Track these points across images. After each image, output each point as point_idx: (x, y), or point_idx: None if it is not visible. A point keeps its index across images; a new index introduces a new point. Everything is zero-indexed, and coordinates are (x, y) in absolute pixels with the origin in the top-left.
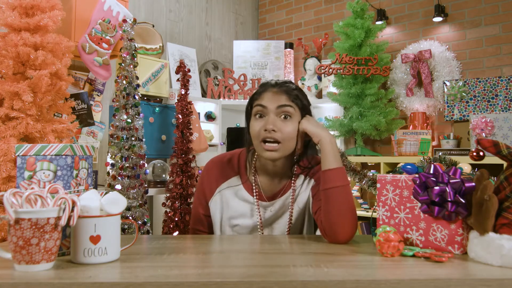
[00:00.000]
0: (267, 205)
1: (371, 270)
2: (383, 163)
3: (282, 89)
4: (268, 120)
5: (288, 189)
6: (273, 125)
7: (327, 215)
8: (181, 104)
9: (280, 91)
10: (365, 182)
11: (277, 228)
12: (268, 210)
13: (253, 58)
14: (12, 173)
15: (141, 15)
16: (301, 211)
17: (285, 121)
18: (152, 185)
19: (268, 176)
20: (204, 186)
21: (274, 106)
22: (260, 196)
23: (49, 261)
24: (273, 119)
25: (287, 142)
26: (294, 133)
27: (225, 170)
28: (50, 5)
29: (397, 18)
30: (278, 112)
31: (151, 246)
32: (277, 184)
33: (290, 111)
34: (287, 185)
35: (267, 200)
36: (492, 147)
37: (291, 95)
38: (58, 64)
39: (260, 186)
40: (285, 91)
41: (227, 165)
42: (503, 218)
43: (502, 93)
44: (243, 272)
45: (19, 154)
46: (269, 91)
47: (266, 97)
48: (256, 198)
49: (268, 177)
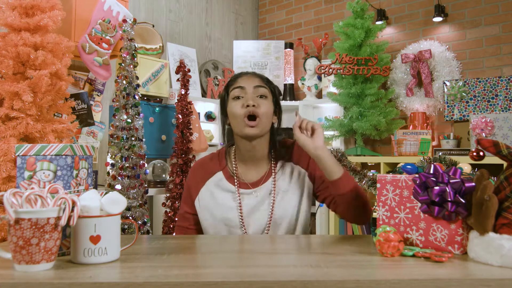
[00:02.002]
0: (250, 192)
1: (371, 270)
2: (383, 163)
3: (255, 74)
4: (248, 97)
5: (269, 177)
6: (252, 100)
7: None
8: (181, 104)
9: (254, 75)
10: (365, 182)
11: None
12: (251, 197)
13: (253, 58)
14: (12, 173)
15: (141, 15)
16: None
17: (261, 99)
18: (152, 185)
19: (247, 164)
20: (189, 186)
21: (251, 86)
22: (241, 184)
23: (49, 261)
24: (252, 97)
25: (265, 119)
26: (270, 112)
27: (209, 168)
28: (50, 5)
29: (397, 18)
30: (255, 91)
31: (151, 246)
32: (257, 171)
33: (265, 92)
34: (267, 172)
35: (251, 187)
36: (492, 147)
37: (263, 79)
38: (58, 64)
39: (240, 175)
40: (258, 75)
41: (210, 162)
42: (503, 218)
43: (502, 93)
44: (243, 272)
45: (19, 154)
46: (243, 76)
47: (241, 80)
48: (237, 187)
49: (247, 165)
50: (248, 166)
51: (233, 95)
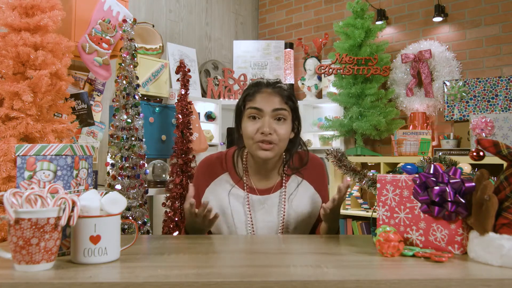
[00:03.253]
0: (259, 199)
1: (371, 270)
2: (383, 163)
3: (276, 90)
4: (264, 123)
5: (279, 187)
6: (269, 127)
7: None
8: (181, 104)
9: (274, 92)
10: (365, 182)
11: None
12: (259, 205)
13: (253, 58)
14: (12, 173)
15: (141, 15)
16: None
17: (279, 123)
18: (152, 185)
19: (258, 174)
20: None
21: (270, 109)
22: (251, 190)
23: (49, 261)
24: (269, 122)
25: (281, 143)
26: (287, 135)
27: (214, 169)
28: (50, 5)
29: (397, 18)
30: (273, 115)
31: (151, 246)
32: (267, 181)
33: (284, 114)
34: (278, 183)
35: (259, 194)
36: (492, 147)
37: (284, 97)
38: (58, 64)
39: (251, 182)
40: (279, 92)
41: (216, 163)
42: (503, 218)
43: (502, 93)
44: (243, 272)
45: (19, 154)
46: (263, 92)
47: (260, 98)
48: (247, 191)
49: (258, 176)
50: (259, 175)
51: (249, 113)
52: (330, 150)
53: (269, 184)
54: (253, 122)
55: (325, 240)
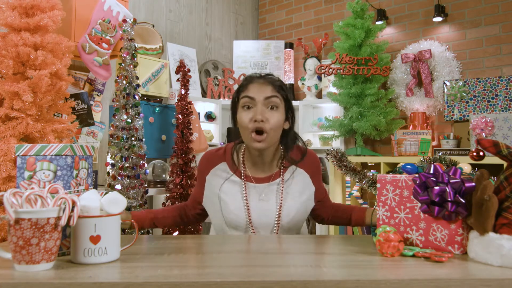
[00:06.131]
0: (255, 187)
1: (371, 270)
2: (383, 163)
3: (267, 80)
4: (257, 111)
5: (276, 177)
6: (261, 115)
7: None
8: (181, 104)
9: (266, 82)
10: (365, 182)
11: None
12: (256, 193)
13: (253, 58)
14: (12, 173)
15: (141, 15)
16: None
17: (272, 111)
18: (152, 185)
19: (256, 166)
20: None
21: (262, 97)
22: (247, 179)
23: (49, 261)
24: (261, 110)
25: (274, 132)
26: (280, 123)
27: (213, 159)
28: (50, 5)
29: (397, 18)
30: (265, 103)
31: (151, 246)
32: (264, 172)
33: (276, 102)
34: (275, 173)
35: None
36: (492, 147)
37: (275, 86)
38: (58, 64)
39: (248, 172)
40: (270, 82)
41: (215, 154)
42: (503, 218)
43: (502, 93)
44: (243, 272)
45: (19, 154)
46: (255, 82)
47: (252, 88)
48: (244, 179)
49: (255, 167)
50: (256, 167)
51: (243, 103)
52: (330, 150)
53: (266, 174)
54: (247, 112)
55: (325, 240)
